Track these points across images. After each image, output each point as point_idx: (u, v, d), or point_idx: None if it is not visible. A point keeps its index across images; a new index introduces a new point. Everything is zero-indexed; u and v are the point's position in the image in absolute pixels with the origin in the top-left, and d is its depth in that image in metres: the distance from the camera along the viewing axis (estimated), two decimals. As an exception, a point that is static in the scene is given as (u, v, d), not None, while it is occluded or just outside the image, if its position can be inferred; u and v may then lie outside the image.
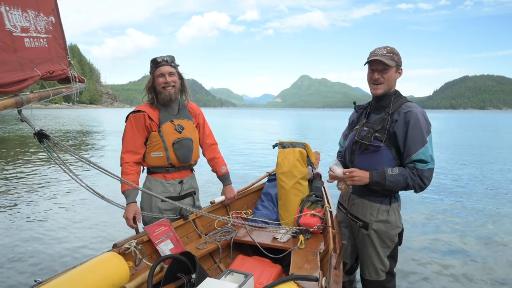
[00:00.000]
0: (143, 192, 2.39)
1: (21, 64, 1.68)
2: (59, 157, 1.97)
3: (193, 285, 1.89)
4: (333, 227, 2.39)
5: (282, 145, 2.96)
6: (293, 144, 2.94)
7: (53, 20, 2.05)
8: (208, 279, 1.74)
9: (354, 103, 2.39)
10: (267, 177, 3.34)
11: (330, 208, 2.66)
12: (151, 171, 2.53)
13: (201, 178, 2.81)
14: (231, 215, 2.89)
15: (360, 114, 2.31)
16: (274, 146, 3.03)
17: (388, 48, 2.04)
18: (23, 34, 1.73)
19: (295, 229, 2.53)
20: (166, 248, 2.24)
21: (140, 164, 2.49)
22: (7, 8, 1.61)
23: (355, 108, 2.35)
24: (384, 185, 1.98)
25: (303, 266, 2.07)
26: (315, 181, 3.04)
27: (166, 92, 2.40)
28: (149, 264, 2.08)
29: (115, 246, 2.06)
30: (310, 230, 2.49)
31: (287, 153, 2.87)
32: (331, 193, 3.00)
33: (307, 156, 2.91)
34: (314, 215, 2.58)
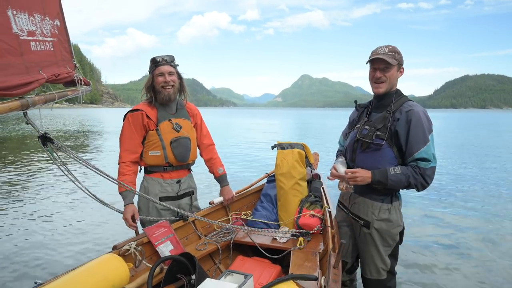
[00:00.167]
0: (140, 196, 2.38)
1: (27, 67, 1.69)
2: (61, 161, 1.98)
3: (193, 286, 1.90)
4: (332, 227, 2.39)
5: (281, 146, 2.97)
6: (291, 145, 2.94)
7: (58, 23, 2.06)
8: (208, 279, 1.75)
9: (355, 101, 2.39)
10: (267, 178, 3.35)
11: (329, 208, 2.67)
12: (149, 170, 2.52)
13: (199, 178, 2.82)
14: (231, 216, 2.91)
15: (361, 113, 2.31)
16: (273, 147, 3.04)
17: (390, 47, 2.05)
18: (30, 38, 1.74)
19: (295, 232, 2.53)
20: (166, 249, 2.25)
21: (138, 163, 2.48)
22: (14, 12, 1.61)
23: (356, 107, 2.36)
24: (386, 184, 1.99)
25: (303, 266, 2.08)
26: (314, 181, 3.05)
27: (165, 92, 2.40)
28: (149, 265, 2.09)
29: (115, 247, 2.07)
30: (310, 232, 2.50)
31: (286, 154, 2.88)
32: (330, 194, 3.01)
33: (306, 157, 2.92)
34: (313, 216, 2.59)
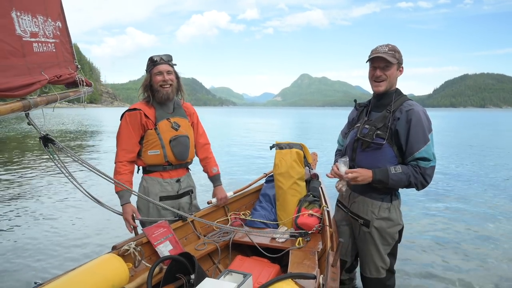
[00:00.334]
0: (140, 196, 2.38)
1: (29, 69, 1.70)
2: (62, 162, 1.98)
3: (192, 285, 1.91)
4: (330, 226, 2.41)
5: (279, 146, 2.98)
6: (290, 145, 2.95)
7: (60, 25, 2.07)
8: (207, 279, 1.77)
9: (355, 100, 2.40)
10: (265, 178, 3.36)
11: (328, 207, 2.68)
12: (148, 170, 2.51)
13: (196, 177, 2.83)
14: (230, 216, 2.92)
15: (360, 112, 2.31)
16: (271, 148, 3.05)
17: (390, 46, 2.06)
18: (32, 39, 1.75)
19: (294, 231, 2.54)
20: (165, 249, 2.26)
21: (134, 162, 2.48)
22: (18, 13, 1.62)
23: (355, 106, 2.37)
24: (387, 183, 2.00)
25: (301, 265, 2.09)
26: (312, 181, 3.06)
27: (164, 91, 2.40)
28: (148, 265, 2.10)
29: (114, 247, 2.07)
30: (309, 232, 2.51)
31: (284, 154, 2.89)
32: (328, 193, 3.03)
33: (304, 156, 2.93)
34: (312, 215, 2.60)
